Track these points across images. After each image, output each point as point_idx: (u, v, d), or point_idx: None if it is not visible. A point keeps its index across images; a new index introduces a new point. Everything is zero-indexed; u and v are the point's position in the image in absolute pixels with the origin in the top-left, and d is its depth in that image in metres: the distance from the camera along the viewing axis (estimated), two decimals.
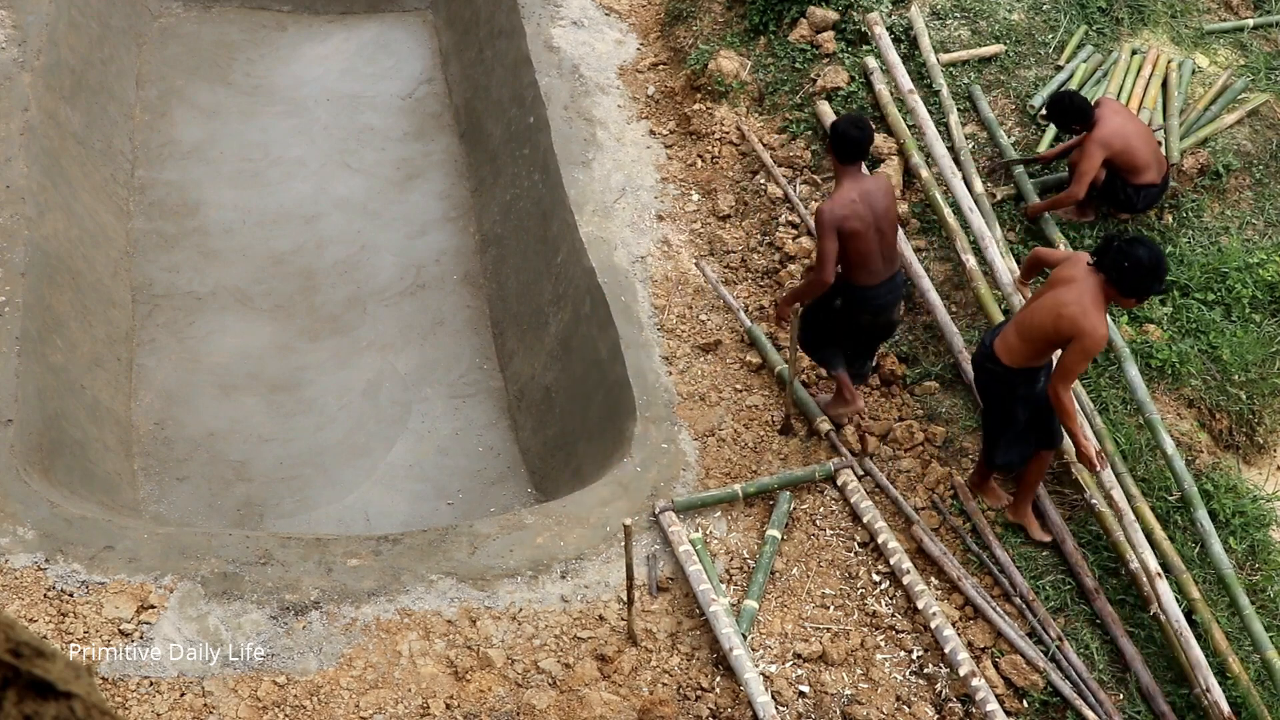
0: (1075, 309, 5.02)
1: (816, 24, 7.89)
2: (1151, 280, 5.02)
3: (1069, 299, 5.07)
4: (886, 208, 5.68)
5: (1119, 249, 5.01)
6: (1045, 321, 5.13)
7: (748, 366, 6.60)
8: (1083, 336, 4.98)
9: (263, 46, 9.77)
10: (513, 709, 5.10)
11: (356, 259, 8.21)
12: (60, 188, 7.48)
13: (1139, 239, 5.11)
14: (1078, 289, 5.08)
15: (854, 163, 5.66)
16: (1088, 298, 5.04)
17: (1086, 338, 4.98)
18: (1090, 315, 5.00)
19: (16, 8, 8.16)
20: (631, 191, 7.51)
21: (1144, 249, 4.99)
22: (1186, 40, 7.97)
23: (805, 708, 5.23)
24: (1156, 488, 5.98)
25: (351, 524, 6.70)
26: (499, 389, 7.50)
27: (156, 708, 4.97)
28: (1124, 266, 4.98)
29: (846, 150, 5.63)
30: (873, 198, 5.63)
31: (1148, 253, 4.98)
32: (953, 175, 7.02)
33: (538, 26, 8.58)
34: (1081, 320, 4.99)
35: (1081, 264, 5.17)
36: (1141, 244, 5.03)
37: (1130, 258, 4.97)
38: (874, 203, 5.62)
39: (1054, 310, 5.10)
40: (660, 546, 5.74)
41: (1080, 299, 5.04)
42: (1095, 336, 4.98)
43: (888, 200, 5.69)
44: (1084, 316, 4.99)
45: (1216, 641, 5.43)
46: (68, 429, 6.38)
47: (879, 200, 5.64)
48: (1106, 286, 5.06)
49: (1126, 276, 5.00)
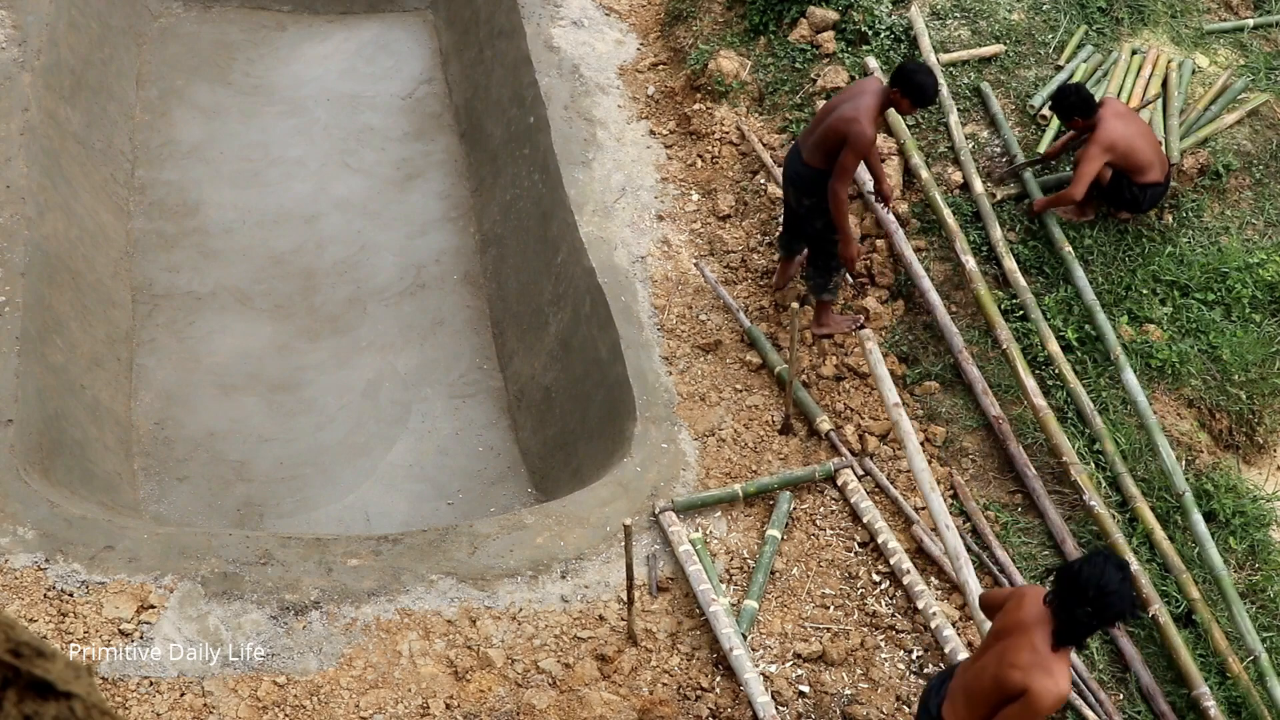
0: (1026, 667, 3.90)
1: (816, 24, 7.89)
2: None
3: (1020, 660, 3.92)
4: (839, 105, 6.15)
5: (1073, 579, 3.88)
6: (987, 685, 4.00)
7: (748, 366, 6.60)
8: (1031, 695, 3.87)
9: (263, 46, 9.77)
10: (513, 709, 5.10)
11: (356, 259, 8.21)
12: (60, 188, 7.48)
13: (1096, 559, 3.89)
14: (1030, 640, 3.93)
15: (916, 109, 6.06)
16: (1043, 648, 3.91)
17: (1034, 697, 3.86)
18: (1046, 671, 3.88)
19: (16, 8, 8.16)
20: (631, 191, 7.51)
21: (1101, 572, 3.83)
22: (1186, 40, 7.97)
23: (805, 708, 5.23)
24: (1156, 488, 5.98)
25: (351, 524, 6.70)
26: (499, 389, 7.50)
27: (156, 708, 4.97)
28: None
29: (921, 99, 5.90)
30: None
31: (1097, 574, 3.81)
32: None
33: (538, 26, 8.58)
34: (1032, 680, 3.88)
35: (1033, 604, 3.99)
36: (1097, 565, 3.86)
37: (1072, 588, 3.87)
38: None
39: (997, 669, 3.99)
40: (660, 546, 5.74)
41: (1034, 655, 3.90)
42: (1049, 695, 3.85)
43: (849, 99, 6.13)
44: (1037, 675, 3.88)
45: (1216, 641, 5.43)
46: (68, 429, 6.38)
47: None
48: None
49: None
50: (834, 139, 5.94)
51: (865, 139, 5.84)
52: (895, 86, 5.84)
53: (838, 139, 5.91)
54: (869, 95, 5.91)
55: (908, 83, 5.81)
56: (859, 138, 5.82)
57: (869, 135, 5.85)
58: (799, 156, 6.21)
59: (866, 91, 5.94)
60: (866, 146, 5.88)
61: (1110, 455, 6.03)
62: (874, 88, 5.96)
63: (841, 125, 5.88)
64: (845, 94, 6.06)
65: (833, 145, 5.96)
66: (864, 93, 5.94)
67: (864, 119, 5.83)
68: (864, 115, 5.83)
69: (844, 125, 5.87)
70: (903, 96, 5.84)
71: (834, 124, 5.94)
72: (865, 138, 5.83)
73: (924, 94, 5.82)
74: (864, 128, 5.82)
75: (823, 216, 6.22)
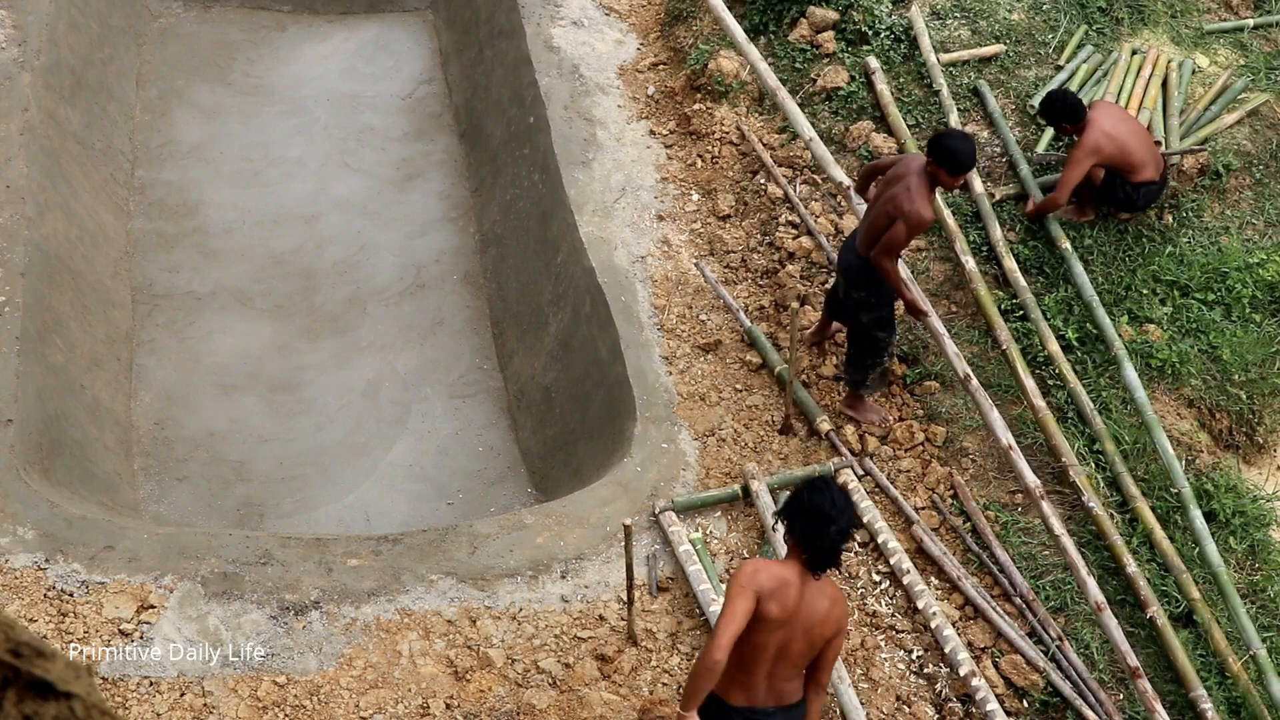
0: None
1: (816, 24, 7.90)
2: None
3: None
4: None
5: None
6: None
7: (748, 366, 6.60)
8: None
9: (263, 46, 9.77)
10: (513, 709, 5.10)
11: (356, 259, 8.21)
12: (60, 188, 7.48)
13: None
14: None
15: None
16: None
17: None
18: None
19: (16, 8, 8.16)
20: (631, 191, 7.51)
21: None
22: (1186, 40, 7.97)
23: None
24: (1156, 488, 5.98)
25: (351, 524, 6.70)
26: (499, 389, 7.50)
27: (156, 708, 4.97)
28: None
29: (954, 164, 5.61)
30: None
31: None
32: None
33: (538, 26, 8.58)
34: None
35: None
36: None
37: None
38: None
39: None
40: (660, 546, 5.74)
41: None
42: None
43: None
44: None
45: (1216, 641, 5.44)
46: (68, 429, 6.38)
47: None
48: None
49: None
50: (884, 223, 5.68)
51: (916, 216, 5.55)
52: (930, 156, 5.58)
53: (888, 222, 5.65)
54: (914, 175, 5.63)
55: (937, 148, 5.54)
56: (910, 216, 5.55)
57: (920, 212, 5.55)
58: (852, 245, 5.95)
59: (911, 171, 5.66)
60: (918, 223, 5.59)
61: (1110, 455, 6.03)
62: (917, 166, 5.67)
63: (891, 208, 5.63)
64: (892, 174, 5.79)
65: (883, 230, 5.69)
66: (910, 173, 5.66)
67: (916, 197, 5.56)
68: (915, 194, 5.56)
69: (894, 207, 5.62)
70: (938, 165, 5.55)
71: (884, 208, 5.70)
72: (916, 215, 5.55)
73: (954, 158, 5.51)
74: (916, 206, 5.54)
75: (870, 311, 6.00)
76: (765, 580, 4.01)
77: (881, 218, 5.70)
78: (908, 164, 5.74)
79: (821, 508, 3.96)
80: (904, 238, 5.62)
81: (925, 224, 5.61)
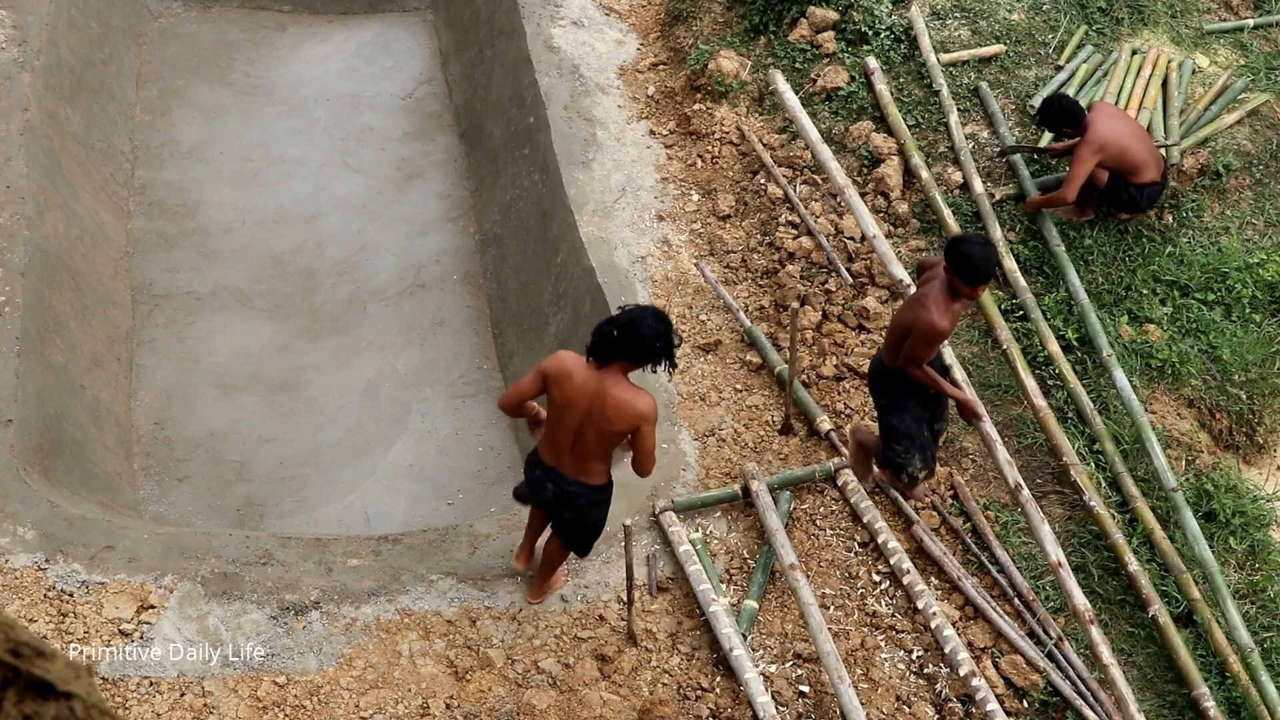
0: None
1: (816, 24, 7.89)
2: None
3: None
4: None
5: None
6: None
7: (748, 366, 6.60)
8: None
9: (263, 46, 9.77)
10: (513, 709, 5.10)
11: (356, 259, 8.21)
12: (60, 188, 7.48)
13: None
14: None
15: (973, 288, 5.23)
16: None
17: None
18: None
19: (16, 8, 8.16)
20: (631, 191, 7.51)
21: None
22: (1186, 40, 7.97)
23: (805, 708, 5.23)
24: (1156, 488, 5.98)
25: (351, 524, 6.70)
26: (499, 389, 7.50)
27: (156, 708, 4.97)
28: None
29: (969, 273, 5.10)
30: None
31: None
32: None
33: (538, 26, 8.58)
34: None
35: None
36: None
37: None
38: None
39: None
40: (660, 546, 5.74)
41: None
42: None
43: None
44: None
45: (1216, 641, 5.44)
46: (68, 429, 6.37)
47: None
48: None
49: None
50: (903, 332, 5.28)
51: (927, 326, 5.10)
52: (946, 261, 5.13)
53: (904, 330, 5.26)
54: (935, 281, 5.20)
55: (952, 254, 5.09)
56: (920, 324, 5.12)
57: (933, 322, 5.09)
58: (879, 355, 5.59)
59: (934, 277, 5.25)
60: (930, 334, 5.13)
61: (1110, 455, 6.03)
62: (939, 273, 5.24)
63: (909, 316, 5.23)
64: (923, 278, 5.41)
65: (902, 339, 5.30)
66: (931, 279, 5.27)
67: (931, 305, 5.11)
68: (931, 302, 5.12)
69: (910, 315, 5.21)
70: (954, 273, 5.08)
71: (902, 315, 5.32)
72: (927, 325, 5.10)
73: (969, 266, 5.02)
74: (930, 316, 5.09)
75: (890, 416, 5.54)
76: (553, 366, 4.81)
77: (900, 326, 5.30)
78: (936, 268, 5.31)
79: (610, 316, 4.87)
80: (921, 348, 5.20)
81: (938, 336, 5.16)
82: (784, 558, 5.40)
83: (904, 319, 5.27)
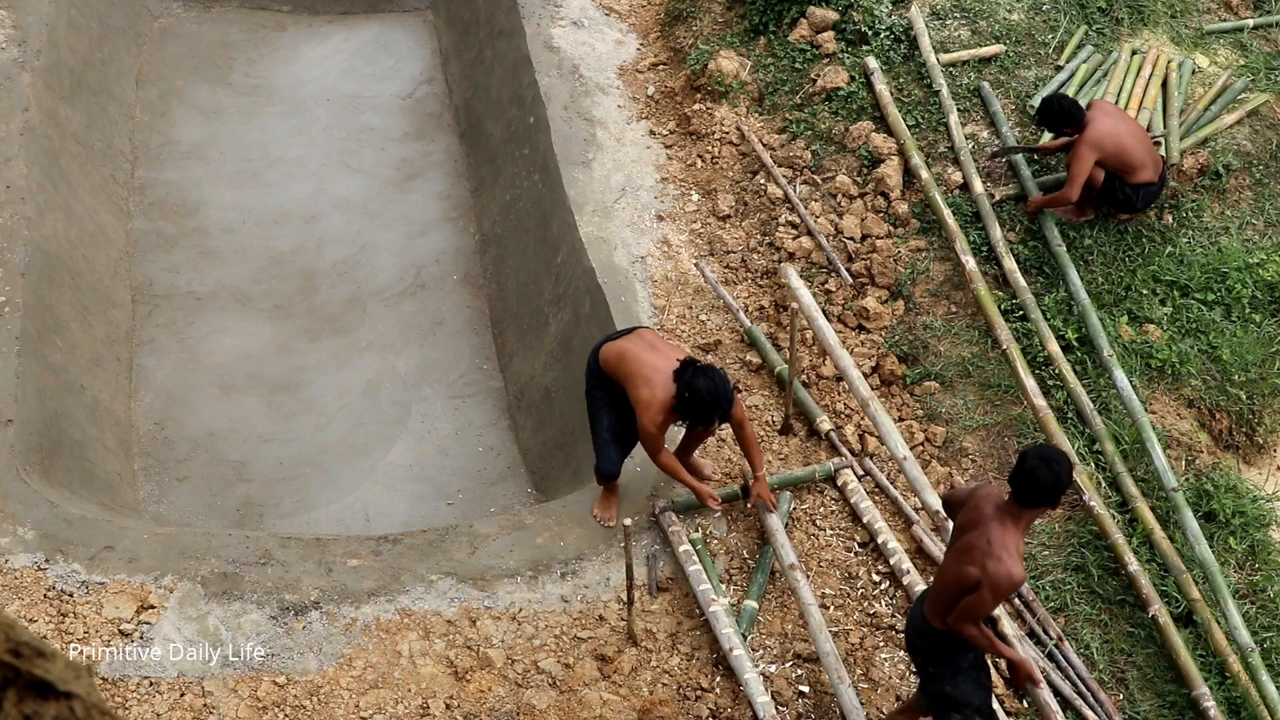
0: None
1: (816, 24, 7.89)
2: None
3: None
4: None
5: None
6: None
7: (748, 366, 6.60)
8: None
9: (263, 46, 9.77)
10: (513, 709, 5.10)
11: (356, 259, 8.21)
12: (60, 188, 7.48)
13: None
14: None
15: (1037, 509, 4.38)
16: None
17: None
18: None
19: (16, 8, 8.16)
20: (631, 191, 7.51)
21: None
22: (1186, 40, 7.97)
23: (805, 708, 5.23)
24: (1155, 488, 5.98)
25: (351, 524, 6.70)
26: (499, 389, 7.50)
27: (156, 708, 4.97)
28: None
29: (1034, 493, 4.29)
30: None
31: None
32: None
33: (538, 26, 8.58)
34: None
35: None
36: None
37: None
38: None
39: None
40: (660, 546, 5.74)
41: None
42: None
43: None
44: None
45: (1216, 641, 5.44)
46: (68, 429, 6.37)
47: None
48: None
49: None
50: (958, 584, 4.36)
51: (1005, 578, 4.21)
52: (1016, 489, 4.29)
53: (963, 584, 4.34)
54: (993, 520, 4.31)
55: (1018, 470, 4.28)
56: (997, 578, 4.22)
57: (1010, 572, 4.22)
58: (919, 607, 4.70)
59: (988, 515, 4.34)
60: (1008, 586, 4.25)
61: (1110, 455, 6.03)
62: (994, 504, 4.36)
63: (967, 567, 4.31)
64: (967, 517, 4.45)
65: (959, 594, 4.38)
66: (986, 516, 4.34)
67: (1002, 553, 4.23)
68: (998, 546, 4.25)
69: (970, 565, 4.30)
70: (1020, 503, 4.29)
71: (958, 565, 4.36)
72: (1005, 576, 4.21)
73: (1034, 484, 4.22)
74: (1006, 565, 4.21)
75: (944, 684, 4.64)
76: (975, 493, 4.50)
77: (956, 580, 4.35)
78: (981, 502, 4.40)
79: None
80: (990, 604, 4.31)
81: (1016, 586, 4.27)
82: (784, 558, 5.40)
83: (964, 572, 4.29)
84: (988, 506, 4.34)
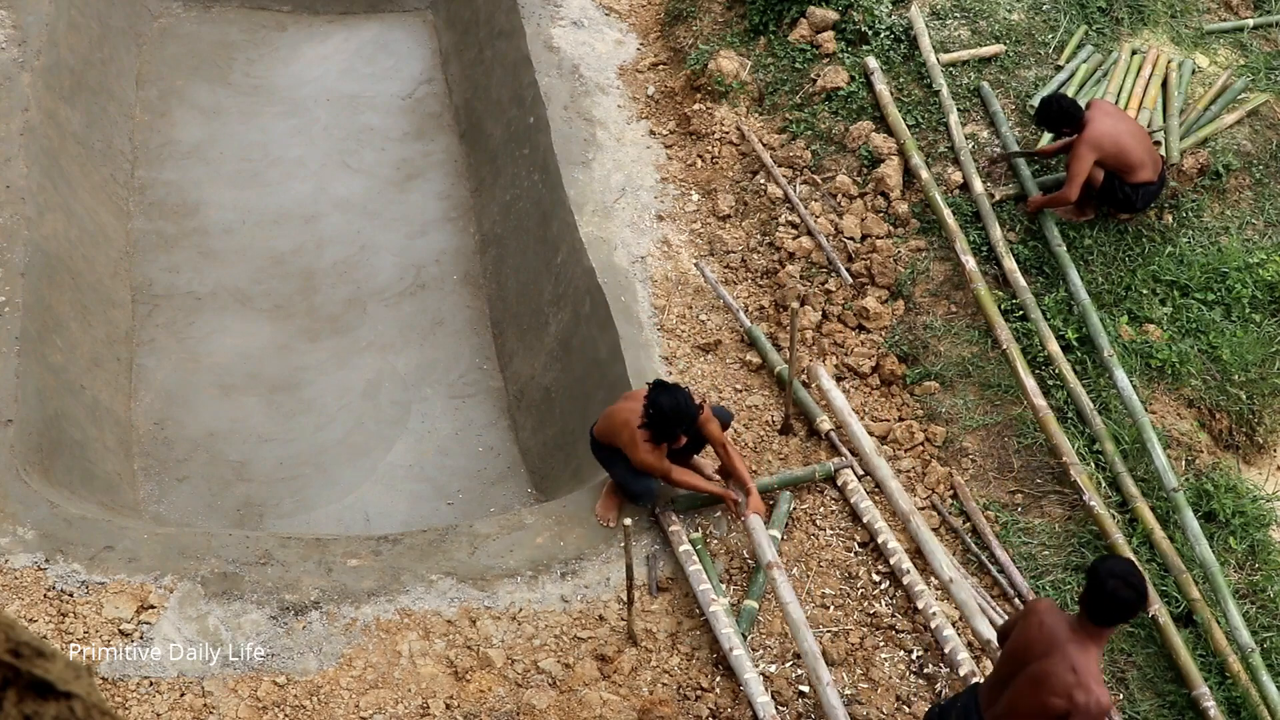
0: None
1: (816, 24, 7.89)
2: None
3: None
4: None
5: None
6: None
7: (748, 366, 6.60)
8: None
9: (263, 46, 9.77)
10: (513, 709, 5.10)
11: (356, 259, 8.21)
12: (60, 188, 7.48)
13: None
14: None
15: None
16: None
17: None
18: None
19: (16, 8, 8.16)
20: (631, 191, 7.51)
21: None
22: (1186, 40, 7.97)
23: (805, 708, 5.23)
24: (1156, 488, 5.98)
25: (351, 524, 6.70)
26: (499, 389, 7.50)
27: (156, 708, 4.97)
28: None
29: (1105, 611, 4.01)
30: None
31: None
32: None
33: (538, 26, 8.58)
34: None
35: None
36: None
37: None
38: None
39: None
40: (660, 546, 5.74)
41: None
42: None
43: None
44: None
45: (1216, 641, 5.44)
46: (68, 429, 6.38)
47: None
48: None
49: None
50: (1048, 714, 4.03)
51: (1095, 706, 3.95)
52: (1089, 608, 4.01)
53: (1053, 714, 4.01)
54: (1068, 645, 4.02)
55: (1096, 592, 3.97)
56: (1088, 709, 3.95)
57: (1103, 700, 3.96)
58: (976, 712, 4.41)
59: (1061, 639, 4.05)
60: (1101, 713, 3.98)
61: (1110, 455, 6.03)
62: (1066, 620, 4.11)
63: (1049, 698, 4.00)
64: (1027, 634, 4.15)
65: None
66: (1060, 641, 4.04)
67: (1090, 681, 3.96)
68: (1088, 676, 3.97)
69: (1052, 697, 3.99)
70: (1098, 623, 4.00)
71: (1037, 695, 4.04)
72: (1095, 705, 3.95)
73: (1117, 605, 3.95)
74: (1095, 694, 3.95)
75: None
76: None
77: (1042, 710, 4.03)
78: (1048, 622, 4.12)
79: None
80: None
81: (1106, 712, 4.01)
82: (762, 556, 5.39)
83: (1050, 703, 3.99)
84: (1060, 629, 4.05)
